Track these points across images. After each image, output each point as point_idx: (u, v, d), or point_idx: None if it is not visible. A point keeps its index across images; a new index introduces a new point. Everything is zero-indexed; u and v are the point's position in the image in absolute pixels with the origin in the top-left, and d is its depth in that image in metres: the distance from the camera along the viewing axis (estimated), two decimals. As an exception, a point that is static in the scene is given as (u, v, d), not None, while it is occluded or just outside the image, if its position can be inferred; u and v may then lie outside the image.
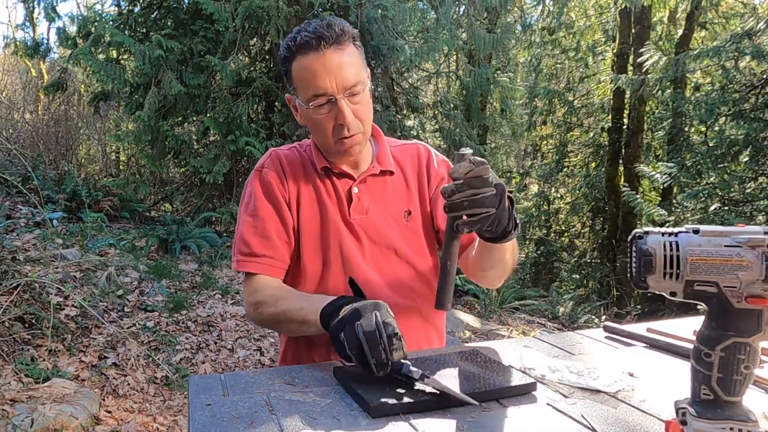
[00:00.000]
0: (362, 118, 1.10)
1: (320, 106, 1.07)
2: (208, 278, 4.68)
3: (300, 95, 1.11)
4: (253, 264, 1.14)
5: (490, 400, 0.80)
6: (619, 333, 1.15)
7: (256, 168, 1.20)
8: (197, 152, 6.43)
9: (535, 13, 10.54)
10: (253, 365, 3.45)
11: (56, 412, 2.38)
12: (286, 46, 1.09)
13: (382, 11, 5.74)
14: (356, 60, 1.09)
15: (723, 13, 8.60)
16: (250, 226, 1.15)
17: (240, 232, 1.17)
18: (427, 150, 1.28)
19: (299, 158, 1.20)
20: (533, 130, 11.10)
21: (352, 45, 1.09)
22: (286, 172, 1.17)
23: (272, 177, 1.16)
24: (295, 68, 1.08)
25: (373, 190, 1.19)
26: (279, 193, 1.15)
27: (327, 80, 1.05)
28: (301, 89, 1.09)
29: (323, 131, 1.11)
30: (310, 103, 1.08)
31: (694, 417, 0.64)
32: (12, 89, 8.93)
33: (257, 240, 1.14)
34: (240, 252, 1.15)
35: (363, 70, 1.11)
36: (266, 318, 1.11)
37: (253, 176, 1.19)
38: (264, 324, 1.16)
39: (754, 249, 0.61)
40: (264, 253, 1.13)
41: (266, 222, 1.14)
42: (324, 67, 1.04)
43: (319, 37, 1.04)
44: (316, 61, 1.05)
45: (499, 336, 4.95)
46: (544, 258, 10.33)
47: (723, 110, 5.98)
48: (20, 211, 5.09)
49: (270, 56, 6.59)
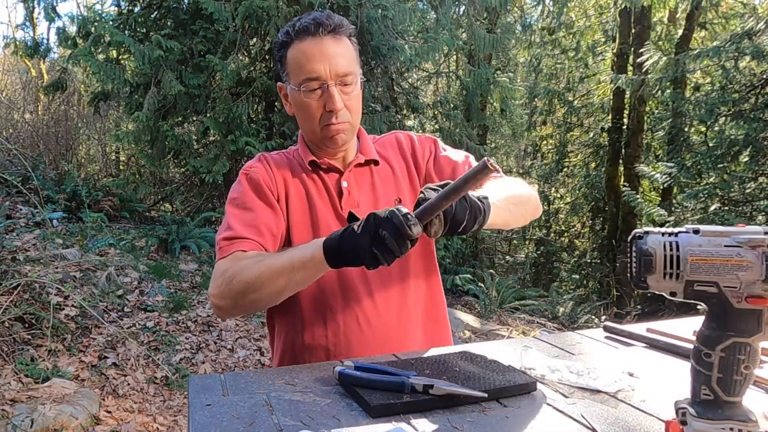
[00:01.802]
0: (351, 110, 1.12)
1: (312, 91, 1.09)
2: (208, 278, 4.68)
3: (292, 80, 1.12)
4: (237, 244, 1.05)
5: (490, 400, 0.80)
6: (619, 333, 1.15)
7: (243, 170, 1.18)
8: (197, 152, 6.43)
9: (535, 13, 10.55)
10: (253, 365, 3.45)
11: (56, 412, 2.38)
12: (284, 32, 1.12)
13: (382, 11, 5.74)
14: (351, 53, 1.12)
15: (723, 13, 8.60)
16: (237, 217, 1.10)
17: (226, 223, 1.11)
18: (407, 135, 1.30)
19: (287, 160, 1.21)
20: (533, 130, 11.09)
21: (348, 39, 1.12)
22: (273, 171, 1.17)
23: (260, 175, 1.15)
24: (290, 54, 1.11)
25: (362, 183, 1.20)
26: (267, 190, 1.14)
27: (321, 65, 1.07)
28: (294, 73, 1.11)
29: (311, 117, 1.11)
30: (301, 86, 1.09)
31: (694, 417, 0.64)
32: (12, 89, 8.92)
33: (244, 228, 1.08)
34: (224, 238, 1.07)
35: (356, 66, 1.13)
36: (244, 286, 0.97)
37: (241, 177, 1.17)
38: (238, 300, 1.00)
39: (755, 249, 0.61)
40: (248, 236, 1.07)
41: (254, 213, 1.10)
42: (320, 52, 1.07)
43: (318, 23, 1.07)
44: (313, 46, 1.08)
45: (499, 336, 4.95)
46: (544, 258, 10.33)
47: (723, 110, 5.98)
48: (20, 211, 5.09)
49: (270, 56, 6.58)
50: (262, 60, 6.72)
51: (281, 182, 1.16)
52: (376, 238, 0.82)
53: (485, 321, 5.47)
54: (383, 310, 1.13)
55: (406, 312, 1.16)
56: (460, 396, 0.79)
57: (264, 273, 0.97)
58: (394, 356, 1.01)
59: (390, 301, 1.14)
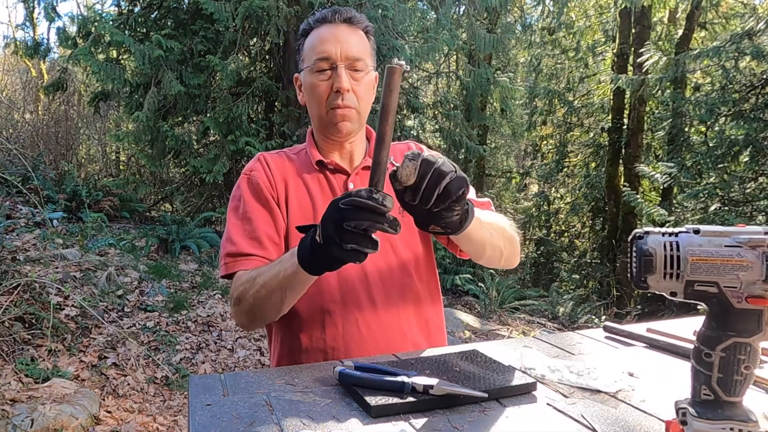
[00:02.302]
0: (359, 95, 1.13)
1: (321, 71, 1.12)
2: (208, 278, 4.68)
3: (305, 63, 1.15)
4: (241, 262, 1.08)
5: (490, 400, 0.80)
6: (619, 333, 1.15)
7: (243, 172, 1.19)
8: (197, 152, 6.44)
9: (535, 13, 10.55)
10: (253, 365, 3.45)
11: (56, 412, 2.38)
12: (306, 23, 1.18)
13: (382, 11, 5.75)
14: (365, 44, 1.16)
15: (723, 13, 8.61)
16: (239, 228, 1.12)
17: (228, 234, 1.13)
18: (417, 147, 1.29)
19: (287, 160, 1.20)
20: (533, 130, 11.10)
21: (364, 33, 1.17)
22: (273, 172, 1.17)
23: (260, 178, 1.15)
24: (307, 40, 1.16)
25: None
26: (268, 194, 1.14)
27: (332, 46, 1.11)
28: (307, 57, 1.15)
29: (319, 98, 1.13)
30: (313, 67, 1.12)
31: (694, 417, 0.64)
32: (12, 89, 8.93)
33: (246, 242, 1.10)
34: (228, 254, 1.10)
35: (369, 58, 1.16)
36: (249, 306, 1.02)
37: (242, 179, 1.18)
38: (251, 317, 1.05)
39: (755, 249, 0.61)
40: (253, 253, 1.09)
41: (256, 224, 1.11)
42: (333, 35, 1.12)
43: (335, 11, 1.14)
44: (327, 30, 1.13)
45: (499, 336, 4.95)
46: (544, 258, 10.34)
47: (723, 110, 5.98)
48: (20, 211, 5.09)
49: (270, 56, 6.59)
50: (262, 60, 6.72)
51: (281, 183, 1.16)
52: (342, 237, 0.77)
53: (485, 321, 5.47)
54: (384, 314, 1.12)
55: (406, 316, 1.15)
56: (460, 396, 0.78)
57: (259, 294, 1.00)
58: (394, 356, 1.01)
59: (391, 305, 1.13)
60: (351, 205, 0.76)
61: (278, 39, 5.66)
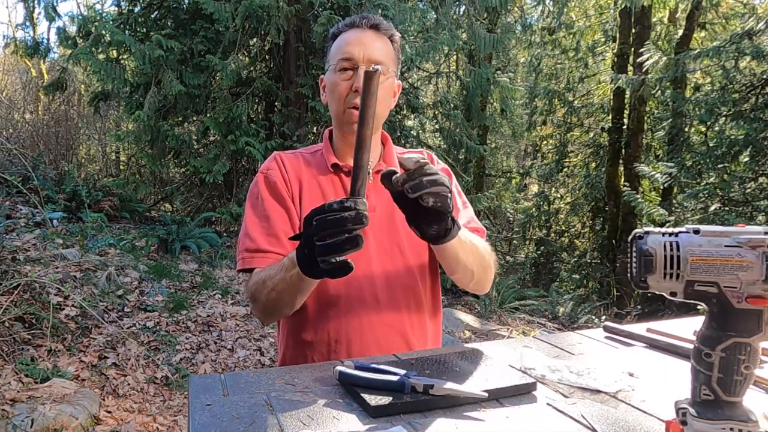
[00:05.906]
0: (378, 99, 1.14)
1: (343, 71, 1.16)
2: (208, 278, 4.68)
3: (330, 63, 1.20)
4: (258, 259, 1.12)
5: (490, 399, 0.80)
6: (619, 333, 1.15)
7: (260, 170, 1.24)
8: (197, 152, 6.44)
9: (535, 13, 10.55)
10: (253, 365, 3.45)
11: (56, 412, 2.38)
12: (335, 27, 1.23)
13: (382, 11, 5.75)
14: (389, 50, 1.20)
15: (723, 13, 8.61)
16: (257, 225, 1.16)
17: (246, 230, 1.17)
18: (429, 156, 1.30)
19: (303, 160, 1.24)
20: (533, 130, 11.10)
21: (390, 40, 1.21)
22: (288, 172, 1.20)
23: (276, 177, 1.19)
24: (335, 43, 1.21)
25: (381, 190, 1.20)
26: (284, 192, 1.18)
27: (356, 48, 1.16)
28: (332, 58, 1.20)
29: (338, 96, 1.17)
30: (336, 67, 1.17)
31: (694, 417, 0.64)
32: (12, 89, 8.93)
33: (264, 238, 1.14)
34: (246, 249, 1.14)
35: (392, 64, 1.20)
36: (263, 305, 1.08)
37: (259, 178, 1.22)
38: (266, 314, 1.11)
39: (755, 249, 0.61)
40: (271, 249, 1.13)
41: (273, 221, 1.15)
42: (357, 39, 1.17)
43: (363, 17, 1.20)
44: (354, 34, 1.18)
45: (499, 336, 4.95)
46: (544, 258, 10.32)
47: (723, 110, 5.98)
48: (20, 211, 5.09)
49: (270, 56, 6.59)
50: (262, 60, 6.72)
51: (296, 183, 1.20)
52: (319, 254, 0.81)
53: (485, 321, 5.47)
54: (387, 313, 1.14)
55: (408, 318, 1.16)
56: (460, 396, 0.79)
57: (270, 296, 1.05)
58: (394, 356, 1.01)
59: (394, 306, 1.15)
60: (321, 221, 0.81)
61: (278, 39, 5.66)
